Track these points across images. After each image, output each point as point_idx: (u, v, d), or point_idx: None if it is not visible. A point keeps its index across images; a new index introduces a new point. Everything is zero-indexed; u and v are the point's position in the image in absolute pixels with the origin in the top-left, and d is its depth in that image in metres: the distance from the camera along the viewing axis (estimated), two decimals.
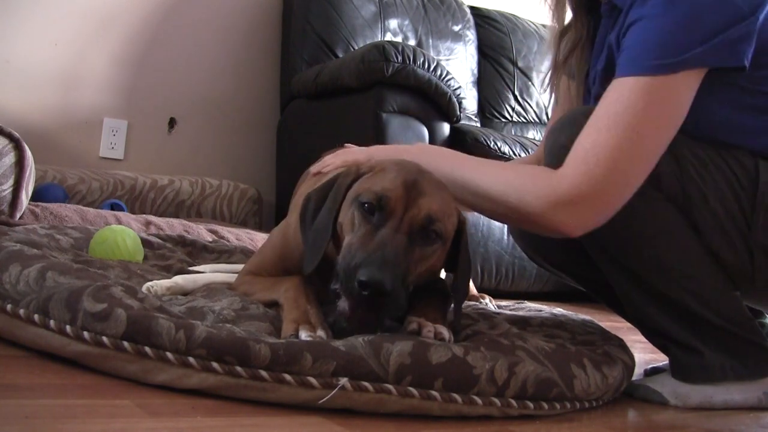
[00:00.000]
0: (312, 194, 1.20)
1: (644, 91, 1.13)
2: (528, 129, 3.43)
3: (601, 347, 1.26)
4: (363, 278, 1.00)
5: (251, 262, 1.37)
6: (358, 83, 2.57)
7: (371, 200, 1.09)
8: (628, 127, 1.13)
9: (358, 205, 1.11)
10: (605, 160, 1.13)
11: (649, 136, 1.14)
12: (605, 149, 1.13)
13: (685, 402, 1.28)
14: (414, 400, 0.97)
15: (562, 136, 1.24)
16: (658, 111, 1.14)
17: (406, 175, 1.13)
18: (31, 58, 2.78)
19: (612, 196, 1.15)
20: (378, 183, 1.12)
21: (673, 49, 1.13)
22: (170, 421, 0.83)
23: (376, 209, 1.09)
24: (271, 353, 0.93)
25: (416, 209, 1.10)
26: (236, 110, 3.22)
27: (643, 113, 1.13)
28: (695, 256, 1.24)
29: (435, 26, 3.34)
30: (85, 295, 0.99)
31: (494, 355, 1.04)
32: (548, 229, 1.18)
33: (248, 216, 2.98)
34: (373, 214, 1.09)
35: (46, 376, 0.94)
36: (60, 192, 2.46)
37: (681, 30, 1.13)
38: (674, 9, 1.14)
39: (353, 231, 1.10)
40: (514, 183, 1.19)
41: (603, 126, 1.14)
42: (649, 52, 1.14)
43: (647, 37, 1.15)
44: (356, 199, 1.11)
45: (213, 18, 3.16)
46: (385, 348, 0.97)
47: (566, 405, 1.10)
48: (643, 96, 1.13)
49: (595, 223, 1.17)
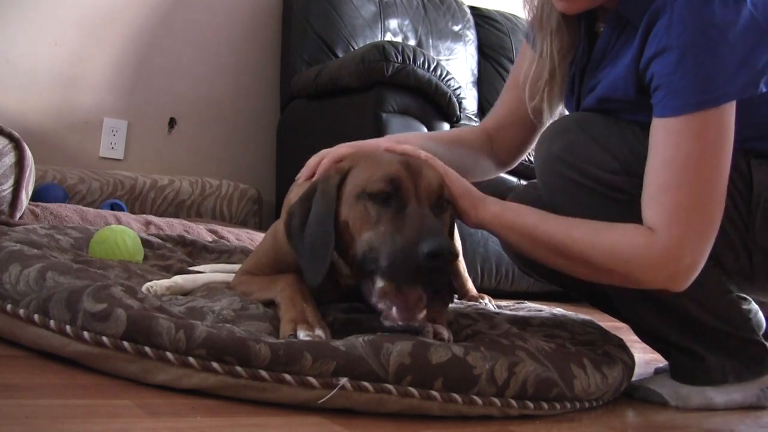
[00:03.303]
0: (294, 207, 1.17)
1: (695, 132, 1.12)
2: None
3: (601, 347, 1.26)
4: (429, 249, 1.00)
5: (247, 262, 1.37)
6: (358, 83, 2.57)
7: (382, 188, 1.09)
8: (700, 178, 1.12)
9: (368, 197, 1.09)
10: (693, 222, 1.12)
11: (717, 176, 1.13)
12: (687, 210, 1.12)
13: (685, 403, 1.28)
14: (414, 400, 0.97)
15: (554, 145, 1.24)
16: (714, 148, 1.13)
17: (396, 157, 1.14)
18: (31, 58, 2.78)
19: (708, 242, 1.14)
20: (377, 170, 1.11)
21: (716, 81, 1.11)
22: (170, 421, 0.83)
23: (391, 194, 1.09)
24: (271, 353, 0.93)
25: (425, 182, 1.11)
26: (236, 110, 3.22)
27: (703, 157, 1.12)
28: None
29: (435, 26, 3.34)
30: (85, 295, 0.99)
31: (494, 355, 1.04)
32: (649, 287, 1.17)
33: (248, 216, 2.98)
34: (387, 200, 1.09)
35: (46, 376, 0.94)
36: (60, 192, 2.46)
37: (721, 61, 1.11)
38: (704, 38, 1.10)
39: (372, 223, 1.09)
40: (619, 255, 1.14)
41: (672, 184, 1.13)
42: (690, 89, 1.11)
43: (685, 71, 1.11)
44: (363, 192, 1.10)
45: (213, 18, 3.16)
46: (385, 348, 0.97)
47: (566, 405, 1.10)
48: (696, 138, 1.12)
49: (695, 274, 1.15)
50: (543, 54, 1.34)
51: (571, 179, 1.23)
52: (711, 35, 1.10)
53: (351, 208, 1.11)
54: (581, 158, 1.22)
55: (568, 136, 1.23)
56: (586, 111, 1.31)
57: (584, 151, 1.23)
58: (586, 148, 1.23)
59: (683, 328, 1.27)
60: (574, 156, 1.23)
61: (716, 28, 1.10)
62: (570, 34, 1.32)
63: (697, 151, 1.12)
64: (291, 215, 1.16)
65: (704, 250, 1.14)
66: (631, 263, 1.14)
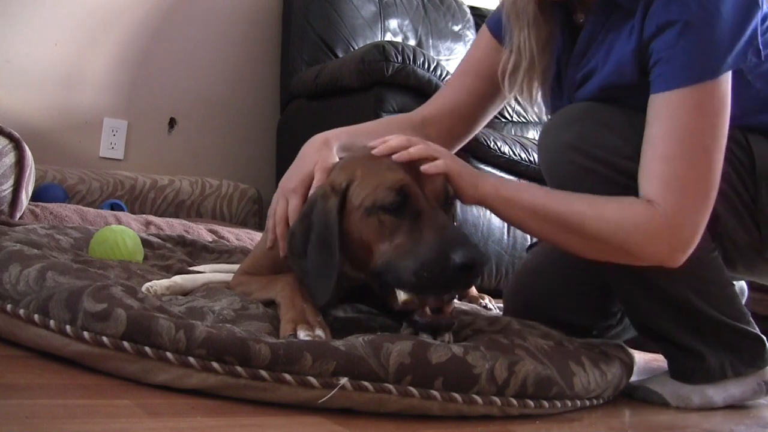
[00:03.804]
0: (294, 228, 1.15)
1: (696, 103, 1.14)
2: (528, 129, 3.43)
3: (597, 347, 1.26)
4: (463, 260, 1.00)
5: (245, 263, 1.37)
6: (358, 83, 2.57)
7: (394, 199, 1.08)
8: (699, 148, 1.14)
9: (380, 210, 1.08)
10: (692, 192, 1.14)
11: (715, 147, 1.15)
12: (688, 182, 1.14)
13: (686, 403, 1.29)
14: (414, 400, 0.97)
15: (565, 134, 1.23)
16: (713, 120, 1.15)
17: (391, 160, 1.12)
18: (31, 58, 2.78)
19: (705, 213, 1.16)
20: (381, 181, 1.10)
21: (715, 53, 1.13)
22: (170, 421, 0.83)
23: (402, 204, 1.08)
24: (271, 353, 0.93)
25: (430, 183, 1.11)
26: (236, 110, 3.22)
27: (702, 128, 1.14)
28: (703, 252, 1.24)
29: (435, 26, 3.34)
30: (85, 295, 0.99)
31: (494, 355, 1.04)
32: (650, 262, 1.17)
33: (248, 216, 2.98)
34: (400, 210, 1.08)
35: (46, 376, 0.94)
36: (60, 192, 2.46)
37: (719, 33, 1.13)
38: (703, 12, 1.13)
39: (388, 235, 1.08)
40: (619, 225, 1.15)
41: (672, 154, 1.14)
42: (691, 62, 1.14)
43: (685, 46, 1.13)
44: (374, 206, 1.09)
45: (213, 18, 3.16)
46: (384, 348, 0.97)
47: (567, 403, 1.10)
48: (696, 110, 1.14)
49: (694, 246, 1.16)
50: (520, 46, 1.32)
51: (585, 167, 1.22)
52: (709, 9, 1.12)
53: (363, 222, 1.10)
54: (595, 145, 1.21)
55: (579, 124, 1.22)
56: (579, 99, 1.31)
57: (597, 137, 1.22)
58: (598, 135, 1.22)
59: (684, 322, 1.27)
60: (588, 143, 1.22)
61: (712, 2, 1.12)
62: (547, 25, 1.31)
63: (696, 123, 1.14)
64: (292, 235, 1.14)
65: (701, 222, 1.15)
66: (631, 234, 1.14)
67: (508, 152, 2.65)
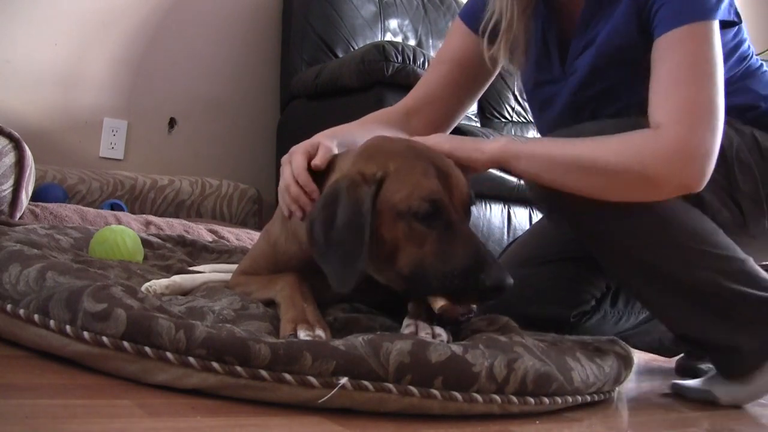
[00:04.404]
0: (315, 215, 1.11)
1: (696, 37, 1.22)
2: (528, 129, 3.43)
3: (590, 343, 1.26)
4: (494, 284, 1.03)
5: (243, 262, 1.37)
6: (358, 83, 2.56)
7: (427, 210, 1.08)
8: (705, 75, 1.21)
9: (412, 217, 1.08)
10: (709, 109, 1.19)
11: (717, 75, 1.22)
12: (696, 103, 1.19)
13: (735, 399, 1.32)
14: (414, 399, 0.97)
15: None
16: (712, 54, 1.22)
17: (425, 161, 1.13)
18: (31, 58, 2.78)
19: (717, 133, 1.20)
20: (416, 186, 1.09)
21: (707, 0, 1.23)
22: (170, 421, 0.83)
23: (435, 215, 1.08)
24: (271, 353, 0.93)
25: (458, 192, 1.12)
26: (236, 110, 3.22)
27: (705, 57, 1.21)
28: (711, 229, 1.28)
29: (435, 26, 3.34)
30: (85, 295, 0.99)
31: (493, 353, 1.04)
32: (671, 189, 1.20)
33: (248, 216, 2.98)
34: (431, 219, 1.08)
35: (46, 376, 0.94)
36: (60, 192, 2.46)
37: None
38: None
39: (418, 241, 1.08)
40: (630, 152, 1.18)
41: (680, 80, 1.21)
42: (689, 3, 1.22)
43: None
44: (408, 212, 1.08)
45: (213, 18, 3.16)
46: (384, 347, 0.97)
47: (567, 399, 1.10)
48: (697, 43, 1.22)
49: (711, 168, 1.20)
50: (502, 8, 1.39)
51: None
52: None
53: (392, 224, 1.09)
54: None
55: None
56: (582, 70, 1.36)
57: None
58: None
59: (715, 309, 1.27)
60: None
61: None
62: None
63: (700, 53, 1.21)
64: (312, 223, 1.11)
65: (714, 143, 1.19)
66: (645, 157, 1.17)
67: None
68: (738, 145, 1.34)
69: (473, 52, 1.48)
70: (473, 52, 1.48)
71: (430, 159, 1.14)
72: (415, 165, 1.12)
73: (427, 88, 1.53)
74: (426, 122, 1.51)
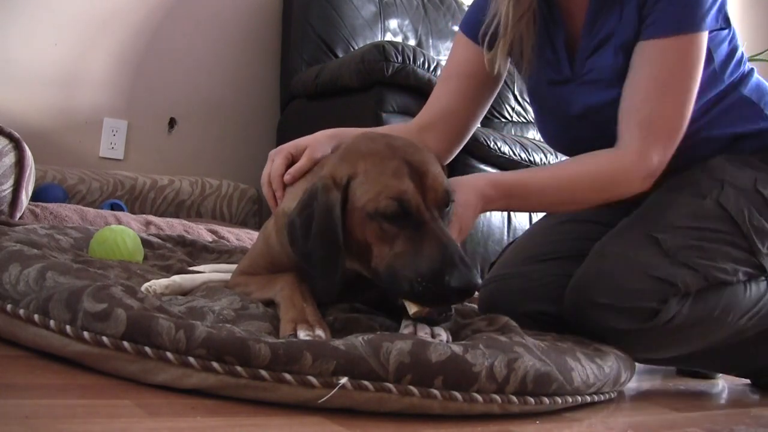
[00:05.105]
0: (294, 217, 1.13)
1: (680, 50, 1.30)
2: (528, 129, 3.43)
3: (590, 344, 1.26)
4: (458, 285, 1.02)
5: (242, 263, 1.37)
6: (358, 83, 2.56)
7: (396, 209, 1.07)
8: (676, 90, 1.31)
9: (382, 217, 1.07)
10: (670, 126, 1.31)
11: (691, 88, 1.32)
12: (667, 118, 1.31)
13: None
14: (414, 399, 0.97)
15: None
16: (692, 66, 1.30)
17: (398, 161, 1.10)
18: (31, 58, 2.78)
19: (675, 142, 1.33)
20: (384, 188, 1.08)
21: (700, 10, 1.29)
22: (170, 421, 0.83)
23: (404, 214, 1.08)
24: (271, 353, 0.93)
25: (432, 191, 1.10)
26: (236, 110, 3.22)
27: (683, 72, 1.30)
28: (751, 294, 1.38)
29: (435, 26, 3.34)
30: (85, 295, 0.99)
31: (493, 353, 1.04)
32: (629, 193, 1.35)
33: (248, 216, 2.98)
34: (401, 219, 1.08)
35: (46, 376, 0.94)
36: (60, 192, 2.46)
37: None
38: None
39: (389, 240, 1.08)
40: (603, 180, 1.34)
41: (654, 95, 1.31)
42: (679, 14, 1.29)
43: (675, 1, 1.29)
44: (376, 213, 1.08)
45: (213, 18, 3.16)
46: (384, 347, 0.97)
47: (567, 399, 1.10)
48: (679, 56, 1.30)
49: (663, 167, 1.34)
50: (499, 13, 1.41)
51: None
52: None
53: (364, 224, 1.09)
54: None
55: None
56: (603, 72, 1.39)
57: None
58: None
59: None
60: None
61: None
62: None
63: (679, 67, 1.30)
64: (292, 226, 1.13)
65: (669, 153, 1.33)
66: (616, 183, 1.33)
67: (508, 152, 2.65)
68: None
69: (478, 62, 1.48)
70: (478, 62, 1.48)
71: (405, 157, 1.11)
72: (386, 165, 1.10)
73: (439, 104, 1.53)
74: (441, 138, 1.51)
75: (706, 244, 1.31)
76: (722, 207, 1.33)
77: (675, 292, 1.28)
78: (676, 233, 1.31)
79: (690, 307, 1.30)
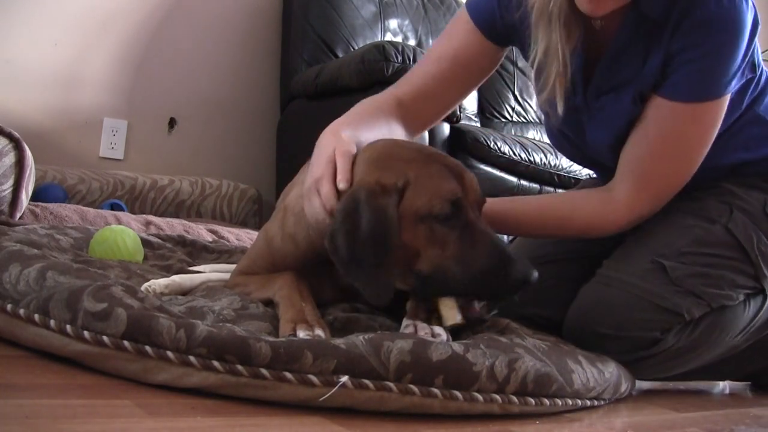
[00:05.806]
0: (336, 226, 1.08)
1: (697, 116, 1.26)
2: (528, 129, 3.43)
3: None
4: (521, 276, 1.07)
5: (241, 262, 1.37)
6: (358, 83, 2.56)
7: (449, 211, 1.09)
8: (683, 153, 1.29)
9: (434, 220, 1.09)
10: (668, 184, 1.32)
11: (701, 151, 1.29)
12: (666, 177, 1.31)
13: None
14: (415, 398, 0.97)
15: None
16: (707, 130, 1.28)
17: (438, 164, 1.14)
18: (31, 58, 2.78)
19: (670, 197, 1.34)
20: (437, 190, 1.10)
21: (725, 77, 1.24)
22: (170, 421, 0.83)
23: (455, 215, 1.10)
24: (271, 351, 0.93)
25: (472, 191, 1.14)
26: (236, 110, 3.22)
27: (696, 137, 1.28)
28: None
29: (435, 26, 3.34)
30: (85, 295, 0.99)
31: (494, 353, 1.04)
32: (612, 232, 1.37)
33: (248, 216, 2.98)
34: (451, 220, 1.10)
35: (46, 376, 0.94)
36: (60, 192, 2.46)
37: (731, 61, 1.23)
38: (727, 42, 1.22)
39: (439, 242, 1.09)
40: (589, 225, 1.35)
41: (659, 156, 1.29)
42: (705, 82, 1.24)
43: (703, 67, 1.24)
44: (429, 215, 1.09)
45: (213, 18, 3.16)
46: (385, 346, 0.97)
47: (567, 402, 1.10)
48: (695, 121, 1.27)
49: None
50: (550, 47, 1.29)
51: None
52: (730, 39, 1.21)
53: (413, 228, 1.09)
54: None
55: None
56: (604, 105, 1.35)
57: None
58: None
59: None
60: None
61: (737, 33, 1.21)
62: (576, 27, 1.29)
63: (692, 132, 1.27)
64: (334, 235, 1.08)
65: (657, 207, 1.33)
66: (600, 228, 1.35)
67: (508, 152, 2.66)
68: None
69: (477, 52, 1.42)
70: (477, 52, 1.42)
71: (442, 161, 1.15)
72: (432, 169, 1.13)
73: (424, 84, 1.44)
74: (414, 114, 1.43)
75: (712, 270, 1.29)
76: (731, 233, 1.31)
77: (679, 320, 1.28)
78: (683, 260, 1.30)
79: (690, 333, 1.30)
